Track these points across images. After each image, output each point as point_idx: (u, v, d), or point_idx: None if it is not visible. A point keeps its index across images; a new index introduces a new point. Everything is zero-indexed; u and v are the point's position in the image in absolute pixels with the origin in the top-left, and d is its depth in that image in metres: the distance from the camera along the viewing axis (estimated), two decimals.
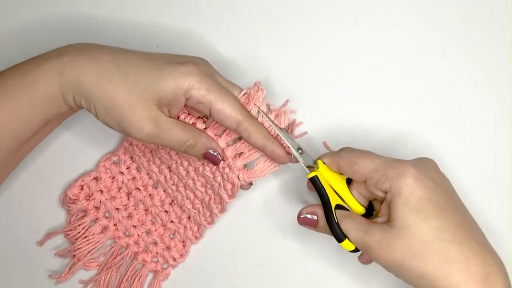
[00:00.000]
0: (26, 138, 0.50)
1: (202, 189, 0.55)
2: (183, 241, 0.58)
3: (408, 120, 0.58)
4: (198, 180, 0.54)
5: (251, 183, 0.54)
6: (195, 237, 0.57)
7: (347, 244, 0.47)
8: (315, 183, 0.49)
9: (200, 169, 0.53)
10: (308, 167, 0.50)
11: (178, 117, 0.50)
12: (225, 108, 0.48)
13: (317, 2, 0.60)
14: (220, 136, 0.51)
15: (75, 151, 0.59)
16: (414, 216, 0.44)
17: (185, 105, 0.49)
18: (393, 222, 0.45)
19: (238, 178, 0.52)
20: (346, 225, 0.47)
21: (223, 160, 0.51)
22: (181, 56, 0.50)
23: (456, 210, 0.46)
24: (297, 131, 0.58)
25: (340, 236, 0.47)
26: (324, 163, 0.50)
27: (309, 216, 0.49)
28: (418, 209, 0.44)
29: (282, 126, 0.52)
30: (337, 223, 0.47)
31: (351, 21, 0.59)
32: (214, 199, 0.54)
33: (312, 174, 0.49)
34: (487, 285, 0.43)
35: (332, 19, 0.59)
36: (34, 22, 0.61)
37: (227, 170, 0.52)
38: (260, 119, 0.50)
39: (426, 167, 0.47)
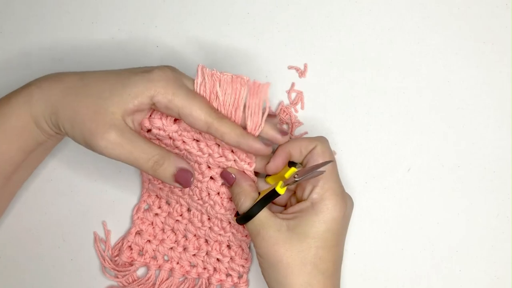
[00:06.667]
0: (8, 172, 0.50)
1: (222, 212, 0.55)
2: (240, 246, 0.56)
3: (408, 120, 0.58)
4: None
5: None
6: (246, 236, 0.56)
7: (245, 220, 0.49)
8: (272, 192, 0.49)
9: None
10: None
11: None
12: (192, 112, 0.46)
13: (317, 2, 0.60)
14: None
15: (75, 151, 0.59)
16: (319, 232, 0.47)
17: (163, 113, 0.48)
18: (294, 222, 0.48)
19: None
20: (263, 212, 0.49)
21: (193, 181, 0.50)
22: (148, 66, 0.49)
23: (341, 245, 0.50)
24: (297, 131, 0.58)
25: (254, 213, 0.48)
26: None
27: (233, 175, 0.51)
28: (328, 233, 0.48)
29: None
30: (262, 206, 0.48)
31: (351, 21, 0.59)
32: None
33: (280, 190, 0.48)
34: None
35: (332, 19, 0.59)
36: (34, 21, 0.61)
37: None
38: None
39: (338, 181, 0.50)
